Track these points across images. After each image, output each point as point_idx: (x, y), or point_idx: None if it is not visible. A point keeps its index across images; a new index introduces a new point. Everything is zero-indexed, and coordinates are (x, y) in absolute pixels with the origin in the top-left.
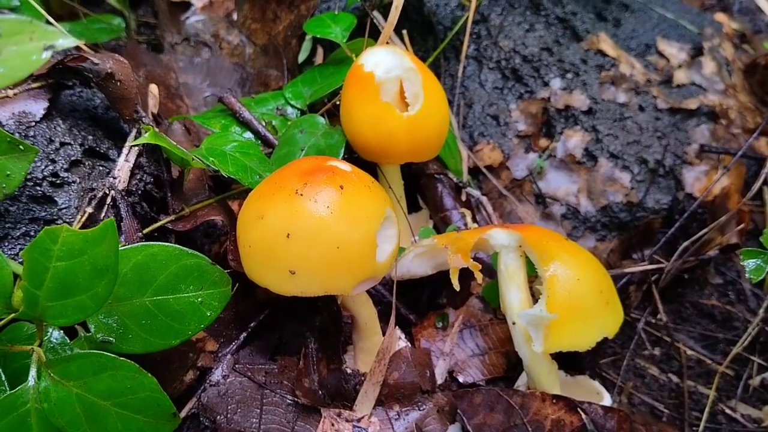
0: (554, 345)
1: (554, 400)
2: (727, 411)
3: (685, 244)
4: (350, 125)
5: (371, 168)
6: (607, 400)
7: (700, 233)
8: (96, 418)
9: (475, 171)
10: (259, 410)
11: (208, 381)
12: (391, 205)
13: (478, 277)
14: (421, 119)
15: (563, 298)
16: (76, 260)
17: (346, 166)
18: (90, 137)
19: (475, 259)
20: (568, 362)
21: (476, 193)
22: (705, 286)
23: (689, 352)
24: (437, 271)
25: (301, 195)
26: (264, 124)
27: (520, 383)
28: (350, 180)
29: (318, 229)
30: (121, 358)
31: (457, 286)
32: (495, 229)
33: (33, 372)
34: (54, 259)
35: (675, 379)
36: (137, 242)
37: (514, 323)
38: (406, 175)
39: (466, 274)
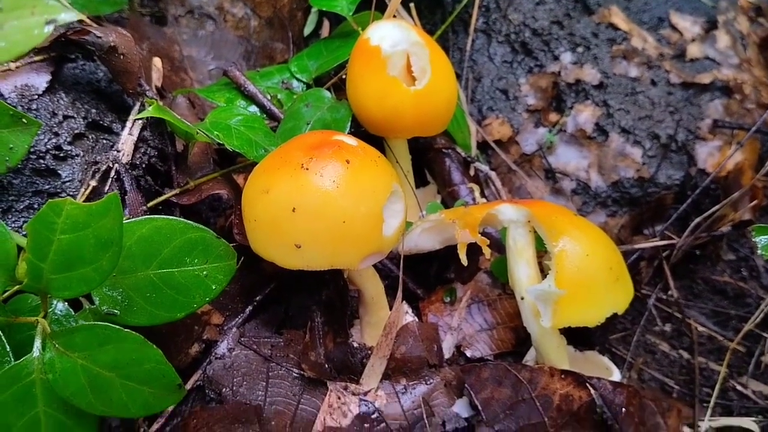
0: (563, 320)
1: (563, 375)
2: (738, 387)
3: (698, 220)
4: (356, 99)
5: (378, 142)
6: (616, 375)
7: (713, 209)
8: (101, 389)
9: (483, 145)
10: (264, 383)
11: (213, 354)
12: (398, 180)
13: (486, 252)
14: (428, 94)
15: (572, 273)
16: (80, 233)
17: (352, 141)
18: (93, 110)
19: (484, 234)
20: (578, 337)
21: (485, 167)
22: (717, 263)
23: (700, 328)
24: (445, 246)
25: (307, 169)
26: (269, 97)
27: (529, 358)
28: (356, 154)
29: (324, 203)
30: (126, 330)
31: (464, 261)
32: (503, 204)
33: (38, 343)
34: (58, 232)
35: (686, 355)
36: (142, 216)
37: (522, 298)
38: (414, 149)
39: (474, 249)
